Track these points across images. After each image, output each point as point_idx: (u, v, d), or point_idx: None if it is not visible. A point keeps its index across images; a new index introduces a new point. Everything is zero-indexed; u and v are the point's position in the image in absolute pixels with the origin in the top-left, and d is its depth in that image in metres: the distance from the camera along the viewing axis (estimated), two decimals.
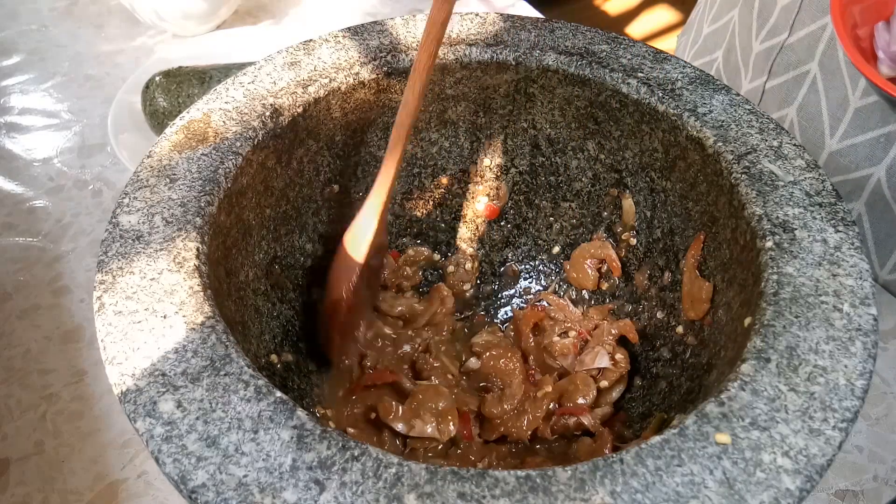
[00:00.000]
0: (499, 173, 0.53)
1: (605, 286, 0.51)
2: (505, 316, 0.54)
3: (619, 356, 0.47)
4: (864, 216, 0.58)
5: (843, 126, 0.56)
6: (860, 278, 0.34)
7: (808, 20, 0.58)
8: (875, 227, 0.58)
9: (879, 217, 0.57)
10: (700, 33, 0.75)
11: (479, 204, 0.54)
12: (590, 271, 0.51)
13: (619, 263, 0.50)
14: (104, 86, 0.77)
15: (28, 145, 0.71)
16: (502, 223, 0.55)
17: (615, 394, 0.47)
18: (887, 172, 0.55)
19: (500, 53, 0.47)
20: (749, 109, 0.42)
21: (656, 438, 0.28)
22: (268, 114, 0.42)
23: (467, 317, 0.53)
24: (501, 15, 0.49)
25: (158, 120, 0.64)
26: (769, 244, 0.36)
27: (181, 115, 0.41)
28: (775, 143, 0.41)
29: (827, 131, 0.58)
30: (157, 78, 0.64)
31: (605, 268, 0.51)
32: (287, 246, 0.47)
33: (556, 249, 0.53)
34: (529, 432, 0.45)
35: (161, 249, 0.35)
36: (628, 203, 0.49)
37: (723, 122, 0.42)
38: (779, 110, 0.62)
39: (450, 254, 0.55)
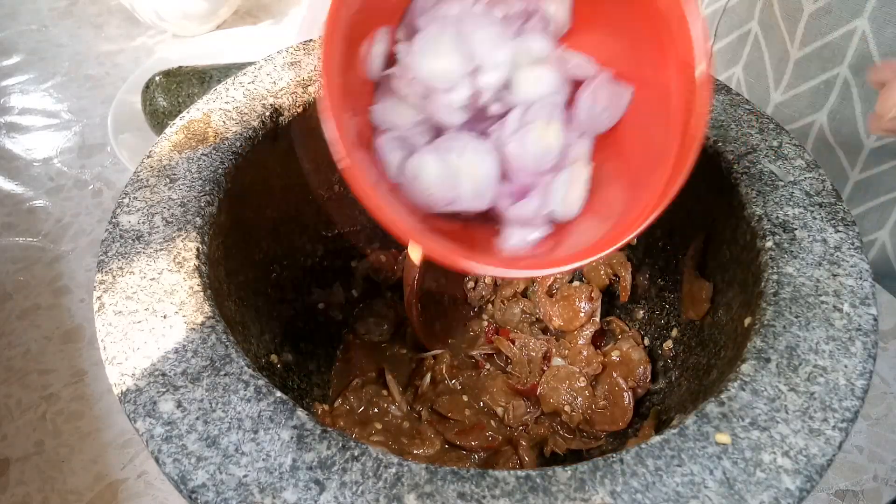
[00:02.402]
0: None
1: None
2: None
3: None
4: None
5: (787, 78, 0.58)
6: (860, 278, 0.34)
7: None
8: None
9: (825, 164, 0.58)
10: None
11: None
12: (605, 278, 0.51)
13: (629, 291, 0.49)
14: (104, 86, 0.77)
15: (28, 145, 0.71)
16: None
17: None
18: (829, 117, 0.56)
19: None
20: (749, 109, 0.42)
21: (656, 438, 0.28)
22: (268, 114, 0.42)
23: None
24: None
25: (158, 120, 0.64)
26: (769, 244, 0.36)
27: (181, 115, 0.41)
28: (775, 143, 0.41)
29: (771, 85, 0.60)
30: (157, 78, 0.64)
31: (615, 284, 0.51)
32: (287, 246, 0.47)
33: None
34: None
35: (161, 249, 0.35)
36: None
37: (723, 122, 0.42)
38: (726, 70, 0.64)
39: None
